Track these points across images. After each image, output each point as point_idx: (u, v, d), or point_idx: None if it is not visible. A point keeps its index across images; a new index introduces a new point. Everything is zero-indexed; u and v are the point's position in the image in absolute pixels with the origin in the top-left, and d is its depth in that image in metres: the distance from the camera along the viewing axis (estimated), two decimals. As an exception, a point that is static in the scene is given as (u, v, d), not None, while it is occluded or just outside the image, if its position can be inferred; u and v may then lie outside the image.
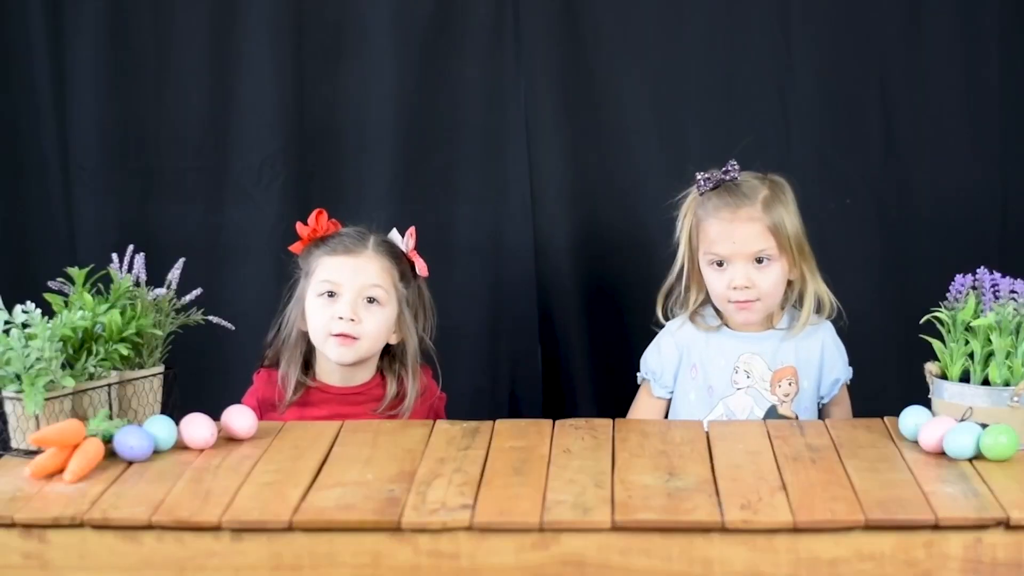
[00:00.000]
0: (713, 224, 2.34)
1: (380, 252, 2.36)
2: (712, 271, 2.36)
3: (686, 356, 2.42)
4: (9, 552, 1.79)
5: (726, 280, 2.34)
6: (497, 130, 2.86)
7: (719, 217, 2.34)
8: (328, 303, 2.33)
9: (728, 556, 1.74)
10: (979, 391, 2.00)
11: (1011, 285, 2.03)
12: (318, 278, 2.34)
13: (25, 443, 2.00)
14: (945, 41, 2.80)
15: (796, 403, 2.38)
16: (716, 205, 2.34)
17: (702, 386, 2.39)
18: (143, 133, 2.86)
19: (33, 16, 2.82)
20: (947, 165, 2.83)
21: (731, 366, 2.39)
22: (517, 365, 2.93)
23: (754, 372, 2.38)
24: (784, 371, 2.39)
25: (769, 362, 2.38)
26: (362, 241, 2.36)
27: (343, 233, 2.39)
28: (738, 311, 2.36)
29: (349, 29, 2.83)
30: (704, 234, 2.36)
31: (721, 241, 2.34)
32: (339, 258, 2.34)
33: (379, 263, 2.35)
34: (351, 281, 2.32)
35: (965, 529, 1.73)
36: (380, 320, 2.34)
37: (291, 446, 2.05)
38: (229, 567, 1.77)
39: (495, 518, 1.76)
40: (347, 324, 2.30)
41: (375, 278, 2.34)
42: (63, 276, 2.18)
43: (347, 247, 2.35)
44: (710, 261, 2.36)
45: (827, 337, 2.43)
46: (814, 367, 2.40)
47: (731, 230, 2.33)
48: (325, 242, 2.37)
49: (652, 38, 2.82)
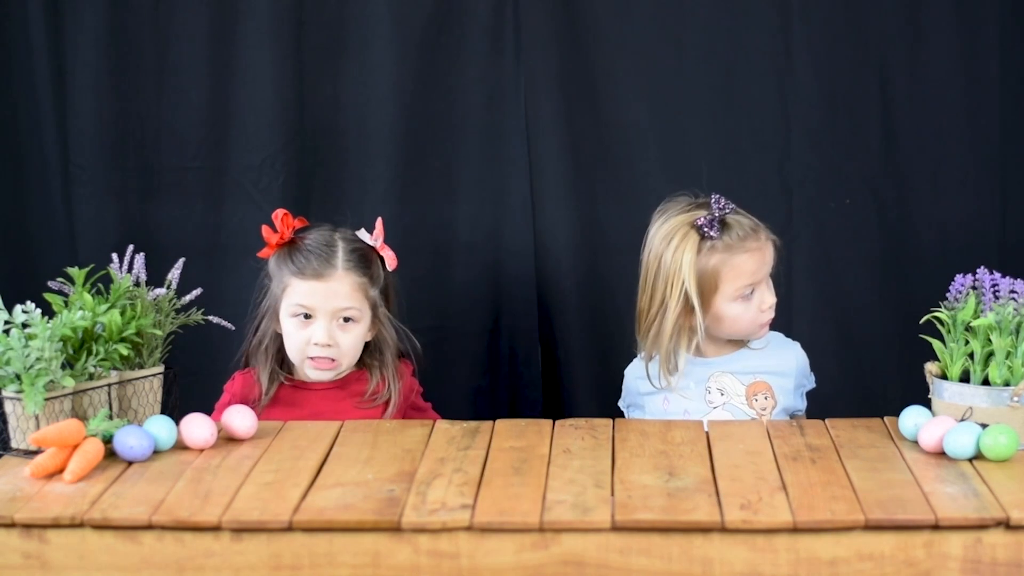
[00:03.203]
0: (744, 259, 2.30)
1: (349, 268, 2.34)
2: (739, 304, 2.32)
3: (653, 394, 2.40)
4: (9, 552, 1.79)
5: (755, 305, 2.33)
6: (497, 130, 2.86)
7: (747, 249, 2.30)
8: (303, 324, 2.33)
9: (728, 556, 1.74)
10: (979, 391, 2.00)
11: (1011, 285, 2.04)
12: (290, 300, 2.33)
13: (25, 443, 2.00)
14: (945, 40, 2.80)
15: (774, 416, 2.37)
16: (738, 239, 2.30)
17: (677, 411, 2.39)
18: (143, 133, 2.86)
19: (33, 16, 2.82)
20: (947, 165, 2.83)
21: (703, 387, 2.38)
22: (517, 365, 2.93)
23: (727, 389, 2.38)
24: (757, 385, 2.38)
25: (740, 378, 2.38)
26: (330, 260, 2.33)
27: (311, 248, 2.34)
28: (762, 328, 2.36)
29: (349, 29, 2.83)
30: (731, 273, 2.29)
31: (756, 270, 2.31)
32: (309, 283, 2.32)
33: (350, 282, 2.33)
34: (325, 305, 2.32)
35: (965, 529, 1.73)
36: (356, 335, 2.35)
37: (291, 446, 2.05)
38: (229, 567, 1.77)
39: (495, 518, 1.76)
40: (323, 349, 2.32)
41: (347, 300, 2.33)
42: (63, 276, 2.18)
43: (316, 271, 2.32)
44: (738, 296, 2.31)
45: (797, 356, 2.42)
46: (789, 379, 2.39)
47: (761, 256, 2.32)
48: (293, 258, 2.34)
49: (652, 38, 2.82)
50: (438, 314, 2.87)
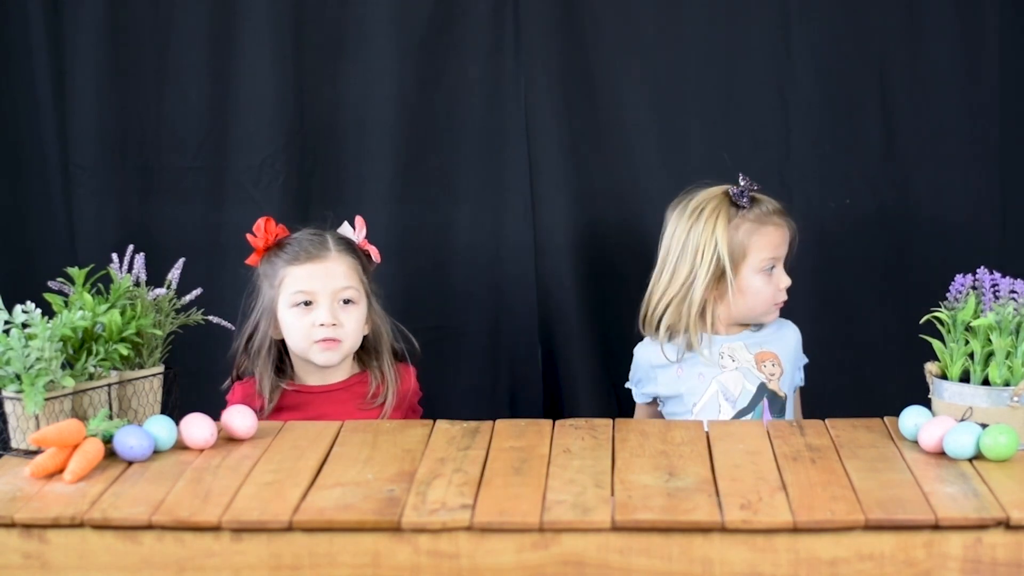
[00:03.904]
0: (771, 231, 2.41)
1: (342, 250, 2.38)
2: (762, 277, 2.42)
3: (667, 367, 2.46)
4: (9, 552, 1.79)
5: (775, 282, 2.42)
6: (497, 130, 2.86)
7: (774, 223, 2.42)
8: (305, 312, 2.34)
9: (728, 556, 1.74)
10: (979, 391, 2.00)
11: (1011, 285, 2.04)
12: (289, 290, 2.35)
13: (25, 443, 2.00)
14: (945, 41, 2.80)
15: (782, 383, 2.45)
16: (766, 212, 2.41)
17: (692, 375, 2.44)
18: (143, 132, 2.86)
19: (33, 16, 2.82)
20: (947, 165, 2.83)
21: (715, 355, 2.44)
22: (517, 365, 2.93)
23: (737, 356, 2.45)
24: (765, 354, 2.46)
25: (749, 348, 2.46)
26: (323, 244, 2.37)
27: (300, 239, 2.38)
28: (776, 309, 2.46)
29: (349, 29, 2.83)
30: (760, 242, 2.40)
31: (780, 243, 2.42)
32: (306, 266, 2.35)
33: (345, 262, 2.37)
34: (324, 287, 2.34)
35: (965, 529, 1.73)
36: (357, 318, 2.37)
37: (291, 446, 2.05)
38: (229, 567, 1.77)
39: (495, 518, 1.76)
40: (329, 329, 2.33)
41: (345, 279, 2.36)
42: (63, 276, 2.18)
43: (311, 254, 2.35)
44: (762, 268, 2.41)
45: (795, 332, 2.52)
46: (791, 353, 2.49)
47: (784, 233, 2.43)
48: (283, 250, 2.37)
49: (652, 38, 2.82)
50: (438, 314, 2.87)
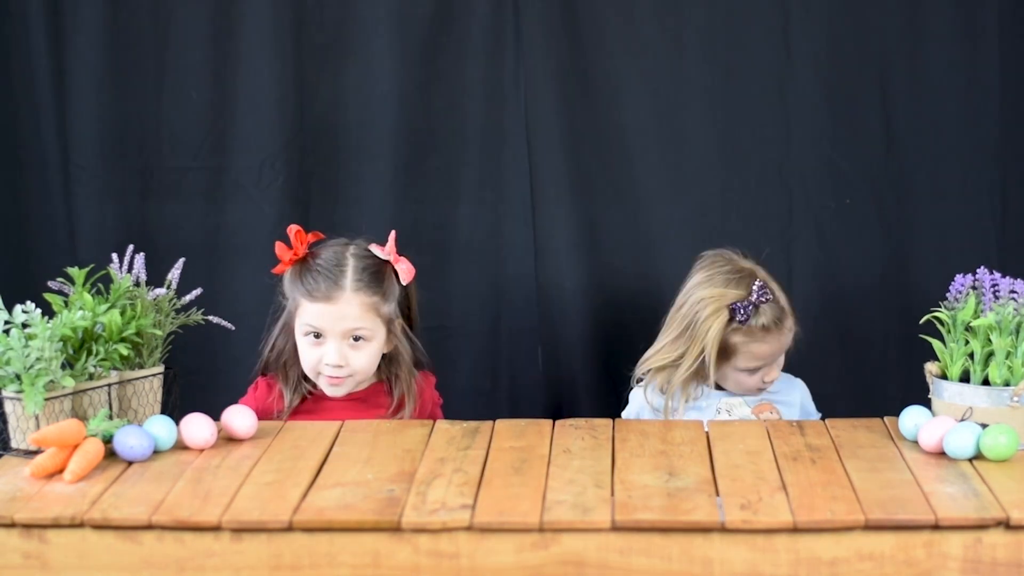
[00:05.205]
0: (762, 347, 2.41)
1: (359, 288, 2.31)
2: (745, 375, 2.44)
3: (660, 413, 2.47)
4: (9, 552, 1.79)
5: (758, 378, 2.45)
6: (497, 130, 2.86)
7: (767, 340, 2.41)
8: (315, 344, 2.32)
9: (728, 556, 1.74)
10: (979, 391, 2.00)
11: (1011, 285, 2.04)
12: (302, 319, 2.33)
13: (25, 443, 2.00)
14: (945, 41, 2.80)
15: None
16: (763, 327, 2.40)
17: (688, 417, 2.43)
18: (143, 133, 2.86)
19: (33, 16, 2.82)
20: (947, 164, 2.83)
21: (713, 408, 2.45)
22: (517, 365, 2.93)
23: (734, 410, 2.45)
24: (763, 406, 2.46)
25: (748, 402, 2.47)
26: (337, 283, 2.30)
27: (321, 268, 2.32)
28: (760, 392, 2.48)
29: (349, 29, 2.83)
30: (750, 351, 2.41)
31: (770, 355, 2.43)
32: (318, 306, 2.30)
33: (359, 302, 2.31)
34: (333, 327, 2.31)
35: (965, 529, 1.73)
36: (369, 353, 2.34)
37: (291, 446, 2.05)
38: (229, 567, 1.77)
39: (495, 518, 1.76)
40: (335, 369, 2.31)
41: (357, 320, 2.31)
42: (63, 276, 2.18)
43: (324, 294, 2.30)
44: (748, 369, 2.43)
45: (802, 390, 2.54)
46: (795, 412, 2.49)
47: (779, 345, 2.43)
48: (303, 279, 2.32)
49: (652, 38, 2.82)
50: (438, 314, 2.86)
